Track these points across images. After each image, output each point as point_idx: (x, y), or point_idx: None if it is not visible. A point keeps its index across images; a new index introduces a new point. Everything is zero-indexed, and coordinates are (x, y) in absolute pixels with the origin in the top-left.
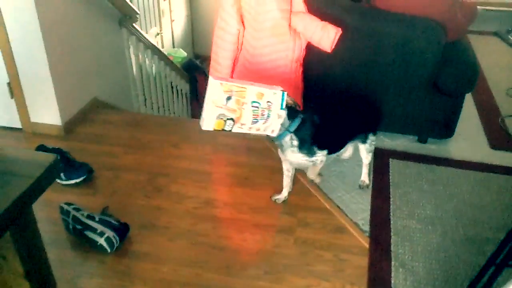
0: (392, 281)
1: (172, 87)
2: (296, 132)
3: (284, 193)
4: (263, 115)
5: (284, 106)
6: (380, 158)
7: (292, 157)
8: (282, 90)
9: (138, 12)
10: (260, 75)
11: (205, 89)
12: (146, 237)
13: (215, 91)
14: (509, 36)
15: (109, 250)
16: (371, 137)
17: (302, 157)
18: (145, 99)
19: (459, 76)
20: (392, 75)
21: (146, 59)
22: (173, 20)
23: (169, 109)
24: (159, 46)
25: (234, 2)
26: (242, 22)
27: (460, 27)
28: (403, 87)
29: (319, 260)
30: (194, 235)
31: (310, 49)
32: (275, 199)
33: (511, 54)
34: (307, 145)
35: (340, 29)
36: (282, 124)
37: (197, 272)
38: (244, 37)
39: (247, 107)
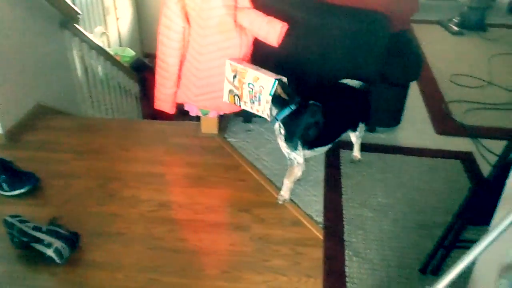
0: (347, 270)
1: (120, 88)
2: (286, 122)
3: (283, 189)
4: (256, 97)
5: (272, 93)
6: (331, 149)
7: (280, 145)
8: (278, 78)
9: (80, 12)
10: (208, 72)
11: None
12: (99, 245)
13: (227, 69)
14: (450, 25)
15: (59, 261)
16: (361, 125)
17: (286, 147)
18: (93, 102)
19: (405, 66)
20: (342, 68)
21: (92, 60)
22: (119, 18)
23: (118, 111)
24: (105, 46)
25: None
26: (187, 20)
27: (403, 17)
28: (353, 78)
29: (275, 255)
30: (149, 239)
31: (257, 45)
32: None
33: (453, 42)
34: (294, 138)
35: (286, 23)
36: (270, 110)
37: (153, 277)
38: (190, 35)
39: (245, 87)
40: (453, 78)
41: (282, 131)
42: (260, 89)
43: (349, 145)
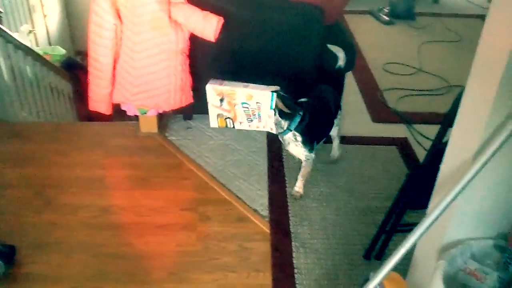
0: (294, 261)
1: (52, 89)
2: (301, 129)
3: (299, 184)
4: (254, 114)
5: (273, 106)
6: (273, 142)
7: (295, 151)
8: (273, 91)
9: (1, 10)
10: (144, 71)
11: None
12: (39, 256)
13: (210, 94)
14: (381, 14)
15: None
16: (339, 111)
17: (304, 151)
18: (22, 105)
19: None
20: (280, 60)
21: (19, 61)
22: (46, 15)
23: (51, 114)
24: (33, 45)
25: None
26: (119, 16)
27: (337, 9)
28: (291, 71)
29: (223, 253)
30: (92, 246)
31: (194, 40)
32: (295, 194)
33: (384, 31)
34: (309, 140)
35: (221, 17)
36: (278, 124)
37: (99, 285)
38: (122, 32)
39: (238, 107)
40: (386, 66)
41: (299, 138)
42: (258, 106)
43: None
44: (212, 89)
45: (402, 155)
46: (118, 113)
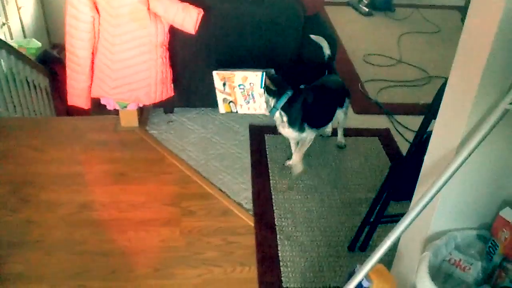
0: (279, 254)
1: (28, 83)
2: (286, 109)
3: (294, 158)
4: (249, 95)
5: (263, 85)
6: (256, 135)
7: (284, 131)
8: (264, 71)
9: None
10: (123, 64)
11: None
12: (17, 255)
13: (215, 79)
14: (360, 5)
15: None
16: (347, 100)
17: (293, 132)
18: None
19: (320, 49)
20: (260, 55)
21: None
22: (20, 7)
23: (28, 108)
24: (7, 38)
25: None
26: (96, 8)
27: (316, 1)
28: (270, 64)
29: (207, 247)
30: (72, 244)
31: (173, 33)
32: (288, 165)
33: (364, 22)
34: (298, 122)
35: (201, 9)
36: (267, 102)
37: (80, 283)
38: (100, 25)
39: (237, 90)
40: (366, 58)
41: (284, 118)
42: (251, 87)
43: (273, 129)
44: (216, 74)
45: (384, 146)
46: (98, 107)
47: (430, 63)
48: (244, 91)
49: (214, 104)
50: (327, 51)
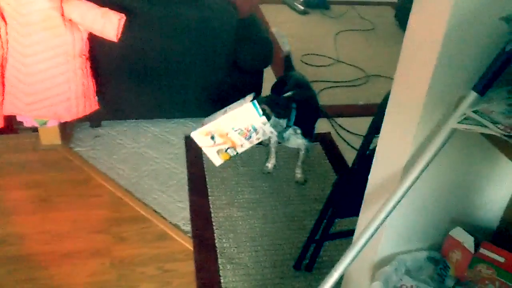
0: (222, 280)
1: None
2: (300, 123)
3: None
4: (249, 131)
5: (261, 113)
6: (192, 146)
7: (295, 143)
8: (252, 100)
9: None
10: (38, 77)
11: None
12: None
13: (198, 140)
14: (296, 3)
15: None
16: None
17: (304, 143)
18: None
19: (255, 53)
20: (192, 59)
21: None
22: None
23: None
24: None
25: None
26: (2, 16)
27: (250, 2)
28: (204, 70)
29: (141, 279)
30: None
31: (93, 41)
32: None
33: (300, 21)
34: (312, 129)
35: (123, 14)
36: (276, 125)
37: None
38: (8, 34)
39: (232, 134)
40: (303, 58)
41: (298, 131)
42: (248, 122)
43: None
44: (198, 134)
45: (327, 152)
46: (14, 124)
47: (367, 61)
48: (242, 131)
49: (145, 115)
50: (286, 47)
